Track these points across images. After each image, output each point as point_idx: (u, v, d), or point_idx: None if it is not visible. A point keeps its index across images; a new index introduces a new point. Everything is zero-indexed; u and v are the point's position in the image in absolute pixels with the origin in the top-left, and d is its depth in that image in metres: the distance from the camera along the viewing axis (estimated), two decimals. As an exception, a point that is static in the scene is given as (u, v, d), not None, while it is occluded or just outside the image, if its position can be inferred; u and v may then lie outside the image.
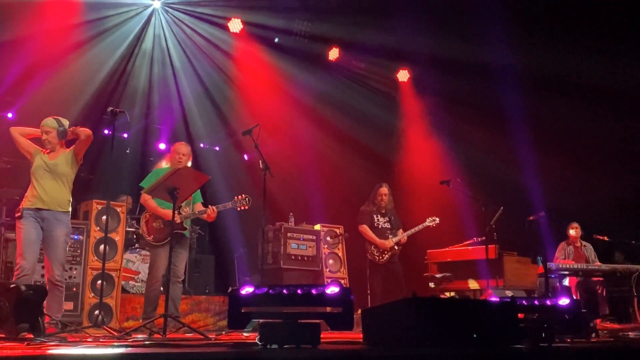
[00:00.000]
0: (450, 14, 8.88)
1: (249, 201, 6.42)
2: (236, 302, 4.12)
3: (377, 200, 8.34)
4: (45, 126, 5.84)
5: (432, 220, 8.23)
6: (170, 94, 10.31)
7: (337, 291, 3.96)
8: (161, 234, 6.28)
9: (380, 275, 8.10)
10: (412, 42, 9.63)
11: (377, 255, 8.09)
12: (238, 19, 9.64)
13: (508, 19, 8.54)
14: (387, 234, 8.17)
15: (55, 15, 8.48)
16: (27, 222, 5.63)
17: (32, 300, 4.96)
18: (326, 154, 10.54)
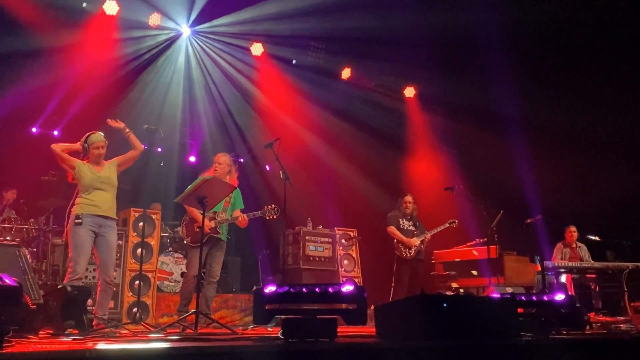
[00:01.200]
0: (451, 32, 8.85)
1: (278, 211, 6.36)
2: (260, 299, 4.13)
3: (402, 207, 8.38)
4: (101, 141, 5.81)
5: (452, 222, 8.25)
6: (199, 112, 10.39)
7: (352, 289, 3.97)
8: (197, 236, 6.25)
9: (407, 268, 8.10)
10: (417, 61, 9.64)
11: (404, 251, 8.10)
12: (259, 44, 9.71)
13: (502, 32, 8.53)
14: (412, 235, 8.21)
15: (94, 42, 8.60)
16: (84, 229, 5.54)
17: (77, 299, 4.99)
18: (340, 165, 10.56)
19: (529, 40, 8.86)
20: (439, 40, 8.97)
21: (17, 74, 8.25)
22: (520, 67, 9.05)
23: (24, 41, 7.96)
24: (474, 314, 4.23)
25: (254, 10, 8.82)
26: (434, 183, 9.73)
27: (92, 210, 5.62)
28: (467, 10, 8.29)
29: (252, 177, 11.05)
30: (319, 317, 3.90)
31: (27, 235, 7.57)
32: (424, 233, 8.21)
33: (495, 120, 9.65)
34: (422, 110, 10.89)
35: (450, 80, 9.72)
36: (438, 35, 8.85)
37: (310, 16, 8.82)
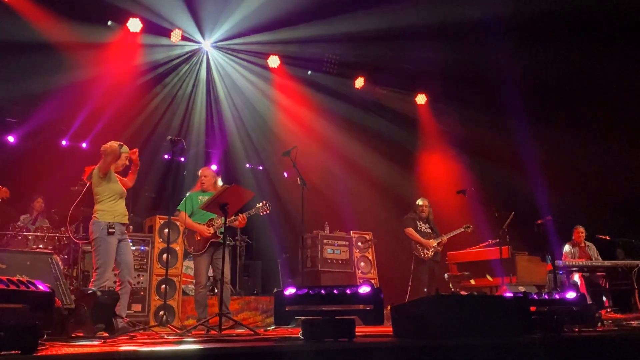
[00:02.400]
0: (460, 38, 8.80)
1: (269, 206, 6.51)
2: (281, 301, 4.13)
3: (418, 211, 8.41)
4: (127, 152, 5.94)
5: (467, 227, 8.24)
6: (219, 122, 10.46)
7: (368, 291, 3.95)
8: (199, 245, 6.33)
9: (425, 268, 8.09)
10: (428, 69, 9.62)
11: (422, 252, 8.09)
12: (276, 56, 9.76)
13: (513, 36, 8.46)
14: (429, 237, 8.18)
15: (119, 57, 8.70)
16: (114, 238, 5.65)
17: (106, 303, 5.05)
18: (355, 170, 10.56)
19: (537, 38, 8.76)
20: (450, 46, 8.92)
21: (47, 89, 8.38)
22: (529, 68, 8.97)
23: (54, 58, 8.09)
24: (488, 313, 4.20)
25: (271, 25, 8.86)
26: (446, 186, 9.69)
27: (120, 219, 5.77)
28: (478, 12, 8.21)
29: (270, 183, 11.10)
30: (338, 318, 3.89)
31: (58, 243, 7.66)
32: (440, 236, 8.18)
33: (505, 124, 9.58)
34: (434, 116, 10.85)
35: (460, 86, 9.68)
36: (449, 41, 8.81)
37: (324, 28, 8.84)
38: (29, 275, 4.74)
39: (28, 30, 7.79)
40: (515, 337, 4.03)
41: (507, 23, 8.26)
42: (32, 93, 8.36)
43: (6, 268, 4.88)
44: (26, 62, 7.91)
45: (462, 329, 3.92)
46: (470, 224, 8.35)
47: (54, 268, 5.11)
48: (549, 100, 9.37)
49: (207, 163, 11.08)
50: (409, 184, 10.25)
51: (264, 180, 11.31)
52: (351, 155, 10.54)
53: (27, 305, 3.58)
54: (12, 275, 4.09)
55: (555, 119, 9.36)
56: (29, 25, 7.83)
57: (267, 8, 8.56)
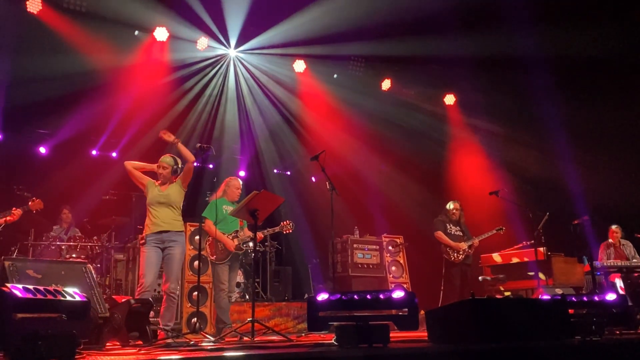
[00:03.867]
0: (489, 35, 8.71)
1: (293, 226, 6.79)
2: (314, 307, 4.15)
3: (449, 213, 8.29)
4: (164, 162, 6.00)
5: (499, 229, 8.12)
6: (246, 129, 10.54)
7: (402, 295, 3.95)
8: (222, 254, 6.43)
9: (457, 272, 7.99)
10: (456, 68, 9.54)
11: (452, 255, 8.00)
12: (301, 60, 9.80)
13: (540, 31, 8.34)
14: (460, 239, 8.09)
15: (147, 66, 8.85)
16: (149, 247, 5.76)
17: (140, 312, 5.12)
18: (384, 173, 10.54)
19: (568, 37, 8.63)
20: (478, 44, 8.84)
21: (76, 100, 8.56)
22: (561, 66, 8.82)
23: (82, 69, 8.26)
24: (525, 316, 4.14)
25: (296, 29, 8.90)
26: (478, 187, 9.59)
27: (154, 228, 5.83)
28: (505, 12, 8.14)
29: (298, 188, 11.14)
30: (372, 323, 3.88)
31: (91, 252, 7.80)
32: (471, 238, 8.09)
33: (537, 122, 9.45)
34: (463, 116, 10.75)
35: (490, 85, 9.58)
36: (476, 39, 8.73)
37: (349, 31, 8.85)
38: (64, 284, 4.83)
39: (57, 42, 7.98)
40: (553, 341, 3.98)
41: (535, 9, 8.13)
42: (63, 104, 8.54)
43: (42, 278, 4.98)
44: (56, 74, 8.09)
45: (499, 333, 3.88)
46: (503, 225, 8.25)
47: (88, 277, 5.21)
48: (583, 92, 9.18)
49: (235, 169, 11.20)
50: (439, 185, 10.18)
51: (291, 185, 11.37)
52: (379, 157, 10.52)
53: (64, 315, 3.67)
54: (48, 285, 4.20)
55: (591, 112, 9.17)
56: (59, 38, 8.01)
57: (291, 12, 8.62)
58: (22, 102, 8.38)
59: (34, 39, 7.88)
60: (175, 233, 5.90)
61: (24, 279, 4.83)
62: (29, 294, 3.42)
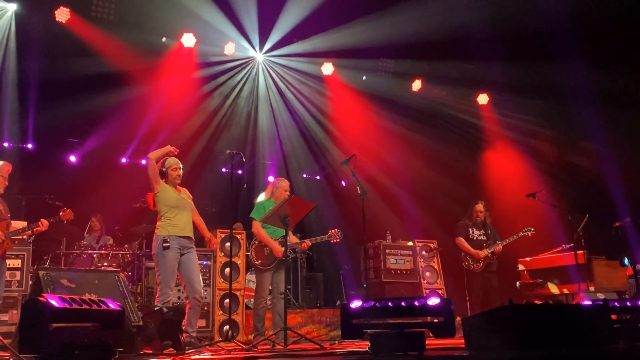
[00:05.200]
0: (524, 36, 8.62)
1: (341, 235, 6.75)
2: (347, 315, 4.16)
3: (473, 216, 8.12)
4: (177, 163, 6.03)
5: (527, 230, 7.93)
6: (275, 133, 10.63)
7: (438, 302, 3.94)
8: (268, 260, 6.44)
9: (477, 283, 7.85)
10: (489, 67, 9.47)
11: (472, 264, 7.86)
12: (330, 63, 9.85)
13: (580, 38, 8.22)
14: (482, 245, 7.95)
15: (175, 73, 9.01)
16: (172, 252, 5.67)
17: (173, 320, 5.20)
18: (417, 176, 10.50)
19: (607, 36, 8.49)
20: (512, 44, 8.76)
21: (106, 108, 8.76)
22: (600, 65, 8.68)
23: (111, 77, 8.46)
24: (566, 322, 4.09)
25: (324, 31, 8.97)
26: (514, 189, 9.47)
27: (177, 232, 5.78)
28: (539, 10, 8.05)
29: (328, 193, 11.18)
30: (407, 331, 3.89)
31: (122, 260, 7.96)
32: (496, 243, 7.93)
33: (575, 121, 9.31)
34: (497, 115, 10.65)
35: (524, 84, 9.48)
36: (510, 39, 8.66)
37: (378, 32, 8.87)
38: (97, 293, 4.97)
39: (86, 51, 8.18)
40: (596, 348, 3.92)
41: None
42: (92, 112, 8.75)
43: (75, 287, 5.12)
44: (85, 82, 8.30)
45: (538, 341, 3.85)
46: (541, 228, 8.12)
47: (121, 286, 5.34)
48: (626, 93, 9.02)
49: (264, 174, 11.30)
50: (474, 187, 10.08)
51: (321, 190, 11.42)
52: (411, 160, 10.48)
53: (99, 324, 3.77)
54: (81, 294, 4.32)
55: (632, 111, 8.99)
56: (87, 46, 8.21)
57: (319, 15, 8.67)
58: (52, 112, 8.62)
59: (63, 48, 8.08)
60: (192, 241, 5.95)
61: (59, 288, 4.98)
62: (65, 303, 3.52)
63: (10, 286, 6.71)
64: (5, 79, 8.37)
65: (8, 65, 8.26)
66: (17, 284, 6.85)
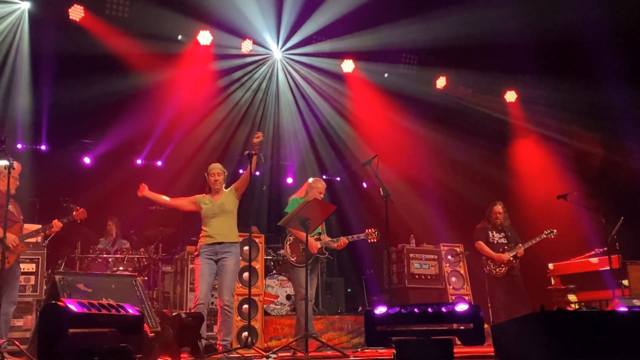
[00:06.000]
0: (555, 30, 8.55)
1: (378, 235, 6.74)
2: (371, 321, 4.17)
3: (492, 218, 8.10)
4: (218, 169, 6.23)
5: (550, 233, 7.87)
6: (293, 133, 10.67)
7: (466, 308, 3.93)
8: (304, 257, 6.46)
9: (501, 288, 7.82)
10: (517, 63, 9.40)
11: (494, 268, 7.83)
12: (350, 60, 9.85)
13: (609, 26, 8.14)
14: (503, 248, 7.92)
15: (191, 72, 9.09)
16: (202, 260, 5.97)
17: (191, 326, 5.26)
18: (442, 176, 10.44)
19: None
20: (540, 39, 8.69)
21: (120, 108, 8.86)
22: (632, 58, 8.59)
23: (126, 76, 8.56)
24: (601, 330, 4.06)
25: (343, 28, 8.97)
26: (544, 191, 9.39)
27: (207, 240, 6.04)
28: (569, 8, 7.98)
29: (349, 195, 11.19)
30: (434, 338, 3.89)
31: (138, 264, 8.05)
32: (518, 245, 7.86)
33: (608, 119, 9.21)
34: (526, 113, 10.57)
35: (554, 80, 9.40)
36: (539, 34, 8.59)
37: (400, 28, 8.86)
38: (114, 298, 5.04)
39: (100, 50, 8.27)
40: (632, 357, 3.89)
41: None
42: (107, 113, 8.86)
43: (92, 292, 5.20)
44: (99, 82, 8.41)
45: (572, 349, 3.82)
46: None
47: (138, 290, 5.40)
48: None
49: (282, 176, 11.36)
50: (501, 188, 10.01)
51: (342, 192, 11.43)
52: (436, 161, 10.45)
53: (118, 330, 3.83)
54: (98, 299, 4.38)
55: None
56: (102, 45, 8.31)
57: (339, 11, 8.69)
58: (66, 113, 8.73)
59: (77, 47, 8.17)
60: (230, 244, 6.07)
61: (75, 293, 5.06)
62: (83, 308, 3.58)
63: (24, 291, 6.80)
64: (19, 79, 8.51)
65: (22, 65, 8.39)
66: (31, 289, 6.95)
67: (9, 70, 8.38)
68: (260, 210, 10.18)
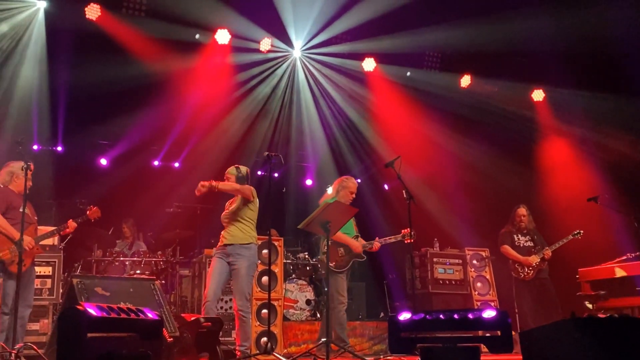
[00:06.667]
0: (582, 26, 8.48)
1: (414, 235, 6.64)
2: (395, 327, 4.16)
3: (516, 222, 8.10)
4: (227, 173, 6.23)
5: (577, 233, 7.81)
6: (313, 133, 10.69)
7: (494, 315, 3.91)
8: (342, 261, 6.51)
9: (529, 293, 7.79)
10: (545, 61, 9.33)
11: (521, 272, 7.81)
12: (371, 58, 9.85)
13: None
14: (529, 252, 7.88)
15: (209, 71, 9.16)
16: (214, 259, 6.06)
17: (211, 331, 5.30)
18: (466, 178, 10.39)
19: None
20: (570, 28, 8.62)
21: (137, 108, 8.96)
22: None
23: (143, 77, 8.64)
24: (635, 338, 4.02)
25: (364, 25, 8.98)
26: (573, 193, 9.31)
27: (220, 241, 6.11)
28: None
29: (370, 197, 11.17)
30: (460, 345, 3.88)
31: (155, 268, 8.11)
32: (545, 248, 7.83)
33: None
34: (554, 113, 10.47)
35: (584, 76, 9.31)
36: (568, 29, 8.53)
37: (424, 26, 8.85)
38: (133, 302, 5.09)
39: (117, 49, 8.37)
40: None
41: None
42: (123, 113, 8.96)
43: (110, 296, 5.25)
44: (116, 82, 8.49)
45: (605, 358, 3.79)
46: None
47: (156, 294, 5.46)
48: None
49: (301, 177, 11.39)
50: (528, 191, 9.94)
51: (363, 194, 11.40)
52: (460, 162, 10.39)
53: (137, 334, 3.86)
54: (116, 303, 4.43)
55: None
56: (118, 44, 8.41)
57: (361, 8, 8.70)
58: (82, 113, 8.85)
59: (94, 47, 8.28)
60: (240, 246, 6.01)
61: (93, 296, 5.12)
62: (103, 312, 3.61)
63: (40, 294, 6.87)
64: (35, 80, 8.62)
65: (38, 66, 8.51)
66: (48, 292, 7.03)
67: (25, 71, 8.50)
68: (279, 212, 10.21)
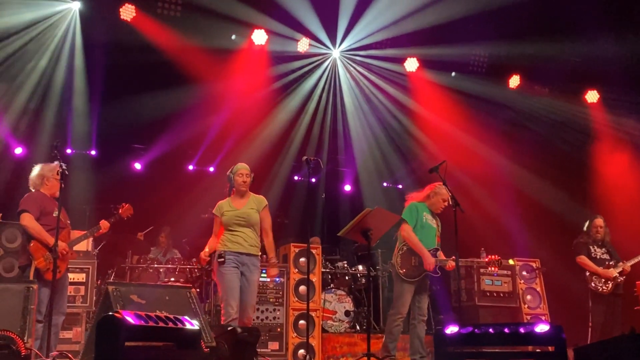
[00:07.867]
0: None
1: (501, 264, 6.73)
2: (442, 341, 4.16)
3: (592, 232, 7.95)
4: (245, 169, 6.05)
5: None
6: (352, 137, 10.71)
7: (547, 329, 3.87)
8: (414, 272, 6.42)
9: (604, 306, 7.68)
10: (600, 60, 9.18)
11: (600, 285, 7.69)
12: (414, 58, 9.83)
13: None
14: (606, 264, 7.76)
15: (245, 73, 9.26)
16: (229, 268, 5.77)
17: (247, 341, 5.34)
18: (516, 185, 10.27)
19: None
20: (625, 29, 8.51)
21: (172, 112, 9.11)
22: None
23: (178, 79, 8.80)
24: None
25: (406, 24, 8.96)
26: (631, 202, 9.14)
27: (235, 247, 5.87)
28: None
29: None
30: (511, 361, 3.86)
31: (190, 275, 8.21)
32: (623, 262, 7.69)
33: None
34: (610, 115, 10.29)
35: None
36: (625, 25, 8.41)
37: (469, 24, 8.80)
38: (169, 310, 5.15)
39: (152, 52, 8.52)
40: None
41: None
42: (158, 116, 9.11)
43: (145, 303, 5.34)
44: (151, 84, 8.66)
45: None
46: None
47: (193, 303, 5.52)
48: None
49: (340, 183, 11.40)
50: (583, 198, 9.79)
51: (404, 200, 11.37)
52: (509, 167, 10.29)
53: (175, 344, 3.93)
54: (152, 311, 4.50)
55: None
56: (153, 47, 8.56)
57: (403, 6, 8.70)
58: (117, 117, 9.03)
59: (128, 48, 8.43)
60: (256, 258, 5.95)
61: (128, 304, 5.21)
62: (141, 321, 3.69)
63: (74, 302, 6.99)
64: (70, 81, 8.85)
65: (74, 68, 8.73)
66: (81, 300, 7.16)
67: (61, 75, 8.73)
68: (317, 219, 10.24)
